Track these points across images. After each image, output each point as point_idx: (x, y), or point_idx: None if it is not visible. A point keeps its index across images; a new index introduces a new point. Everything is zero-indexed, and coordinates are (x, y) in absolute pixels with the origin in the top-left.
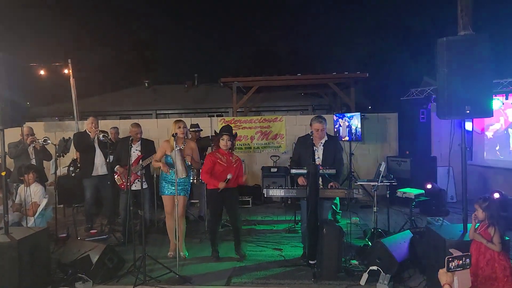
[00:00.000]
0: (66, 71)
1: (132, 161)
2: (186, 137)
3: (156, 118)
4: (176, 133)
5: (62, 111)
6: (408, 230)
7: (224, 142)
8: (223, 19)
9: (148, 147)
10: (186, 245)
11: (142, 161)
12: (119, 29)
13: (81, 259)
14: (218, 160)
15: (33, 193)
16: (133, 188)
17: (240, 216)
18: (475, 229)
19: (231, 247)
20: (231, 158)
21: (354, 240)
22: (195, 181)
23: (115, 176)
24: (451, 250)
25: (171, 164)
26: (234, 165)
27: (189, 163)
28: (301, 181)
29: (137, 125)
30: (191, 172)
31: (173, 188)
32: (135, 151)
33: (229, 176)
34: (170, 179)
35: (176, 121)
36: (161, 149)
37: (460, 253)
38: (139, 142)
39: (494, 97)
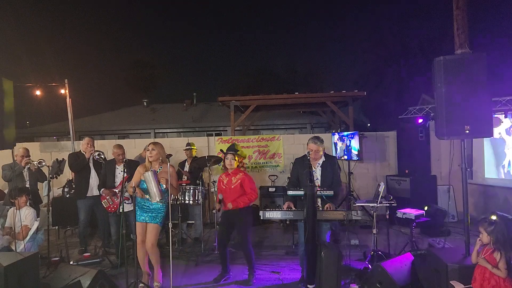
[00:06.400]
0: (62, 91)
1: (118, 183)
2: (161, 160)
3: (155, 137)
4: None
5: (60, 130)
6: (409, 253)
7: (228, 161)
8: (221, 39)
9: (133, 168)
10: (179, 268)
11: (127, 183)
12: (118, 49)
13: (72, 285)
14: (221, 183)
15: (24, 216)
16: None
17: (245, 238)
18: (478, 252)
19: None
20: (232, 178)
21: (353, 262)
22: (191, 202)
23: (102, 200)
24: (452, 283)
25: (145, 190)
26: (232, 187)
27: (164, 187)
28: (285, 205)
29: (119, 146)
30: (166, 196)
31: (145, 214)
32: (120, 173)
33: (220, 197)
34: (143, 205)
35: (149, 144)
36: (137, 174)
37: (462, 286)
38: (124, 163)
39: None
